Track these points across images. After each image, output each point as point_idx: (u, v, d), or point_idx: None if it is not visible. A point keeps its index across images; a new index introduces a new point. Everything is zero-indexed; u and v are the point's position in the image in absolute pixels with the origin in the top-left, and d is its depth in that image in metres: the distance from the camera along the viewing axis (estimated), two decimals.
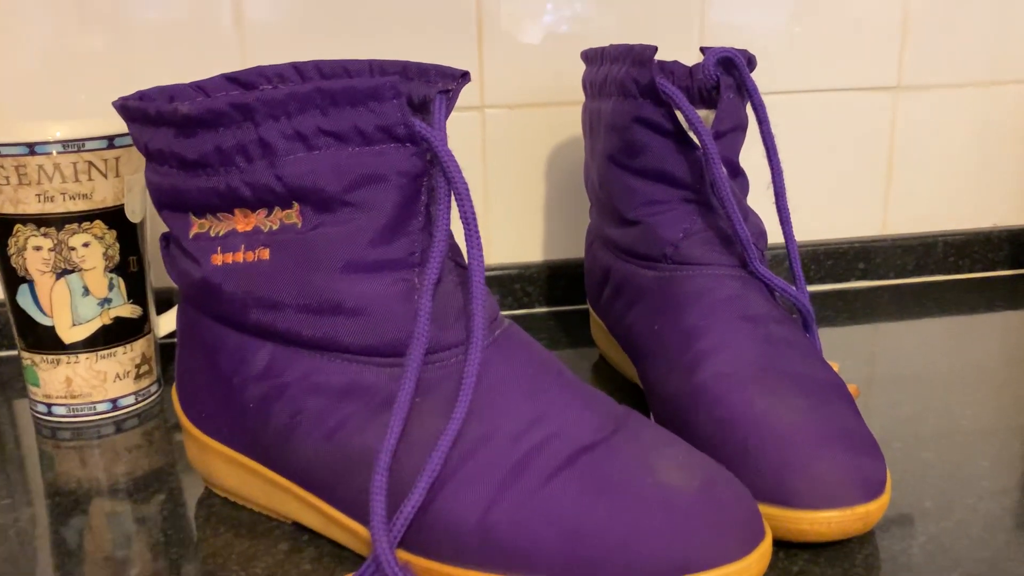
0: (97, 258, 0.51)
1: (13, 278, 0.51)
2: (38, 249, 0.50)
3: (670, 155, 0.49)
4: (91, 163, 0.49)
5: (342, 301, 0.36)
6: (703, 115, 0.50)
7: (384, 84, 0.35)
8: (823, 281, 0.77)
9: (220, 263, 0.38)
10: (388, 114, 0.35)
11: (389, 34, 0.66)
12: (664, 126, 0.48)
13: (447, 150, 0.35)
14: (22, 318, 0.52)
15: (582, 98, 0.70)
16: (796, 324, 0.47)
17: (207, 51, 0.64)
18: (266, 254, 0.37)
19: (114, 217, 0.51)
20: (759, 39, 0.72)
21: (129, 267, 0.53)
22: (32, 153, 0.48)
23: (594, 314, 0.60)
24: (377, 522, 0.33)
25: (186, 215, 0.39)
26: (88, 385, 0.53)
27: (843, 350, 0.62)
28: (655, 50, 0.47)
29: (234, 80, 0.44)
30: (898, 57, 0.74)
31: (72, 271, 0.51)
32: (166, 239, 0.42)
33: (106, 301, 0.52)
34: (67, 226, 0.50)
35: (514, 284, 0.72)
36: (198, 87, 0.43)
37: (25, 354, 0.53)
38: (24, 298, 0.51)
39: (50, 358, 0.52)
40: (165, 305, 0.67)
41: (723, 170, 0.46)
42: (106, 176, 0.50)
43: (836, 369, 0.49)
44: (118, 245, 0.52)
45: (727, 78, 0.48)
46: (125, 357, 0.54)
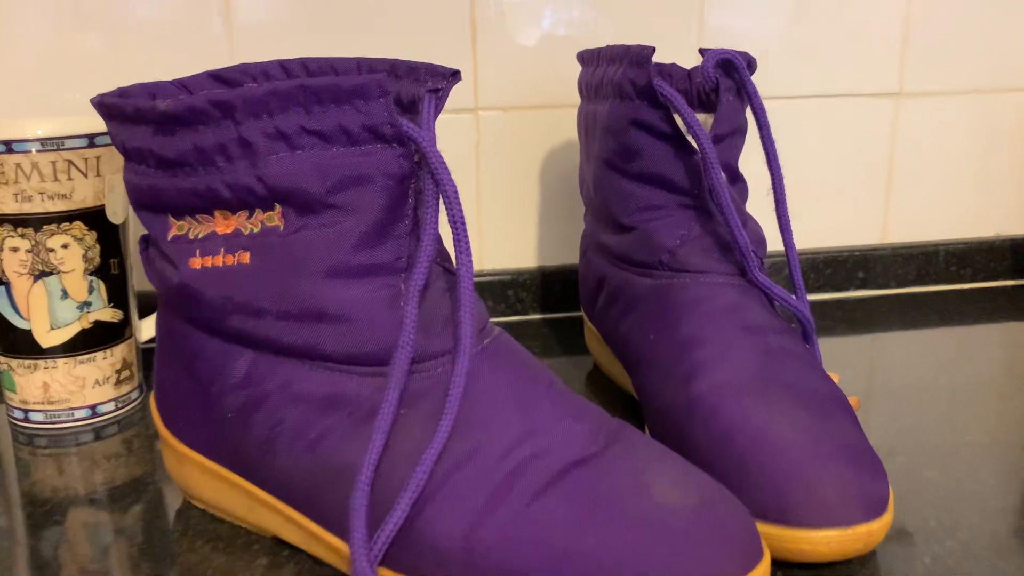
0: (76, 260, 0.50)
1: None
2: (15, 250, 0.49)
3: (667, 159, 0.47)
4: (71, 162, 0.48)
5: (325, 307, 0.35)
6: (701, 119, 0.49)
7: (370, 82, 0.33)
8: (822, 290, 0.76)
9: (199, 266, 0.37)
10: (374, 113, 0.34)
11: (380, 34, 0.65)
12: (661, 129, 0.47)
13: (435, 151, 0.34)
14: None
15: (578, 101, 0.68)
16: (796, 334, 0.46)
17: (200, 50, 0.63)
18: (246, 258, 0.36)
19: (94, 218, 0.50)
20: (758, 43, 0.71)
21: (110, 270, 0.51)
22: (9, 151, 0.47)
23: (588, 322, 0.58)
24: (357, 540, 0.32)
25: (164, 216, 0.38)
26: (66, 391, 0.51)
27: (842, 361, 0.61)
28: (653, 51, 0.46)
29: (218, 78, 0.43)
30: (899, 63, 0.73)
31: (50, 273, 0.49)
32: (145, 241, 0.41)
33: (85, 304, 0.51)
34: (45, 227, 0.48)
35: (507, 290, 0.71)
36: (181, 85, 0.42)
37: (1, 358, 0.51)
38: (0, 300, 0.50)
39: (27, 362, 0.51)
40: (148, 309, 0.66)
41: (722, 175, 0.44)
42: (86, 176, 0.49)
43: (836, 381, 0.48)
44: (99, 247, 0.50)
45: (727, 80, 0.47)
46: (105, 362, 0.52)
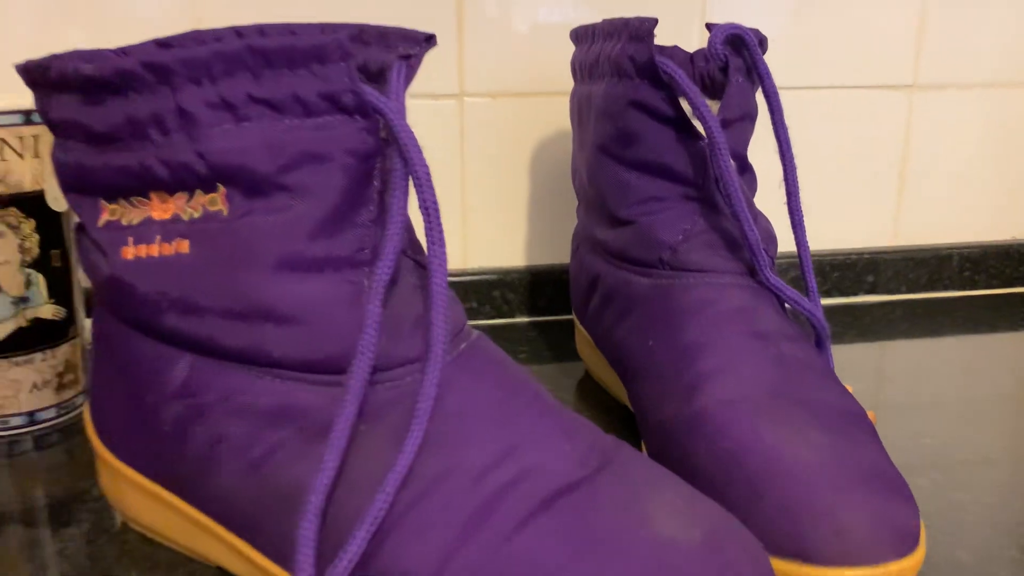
0: (11, 251, 0.45)
1: None
2: None
3: (670, 145, 0.43)
4: (4, 140, 0.43)
5: (274, 305, 0.30)
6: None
7: (329, 43, 0.29)
8: (829, 295, 0.73)
9: (132, 257, 0.32)
10: (334, 79, 0.29)
11: (361, 13, 0.61)
12: (663, 111, 0.42)
13: (405, 125, 0.29)
14: None
15: (571, 86, 0.64)
16: (810, 342, 0.41)
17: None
18: (185, 247, 0.31)
19: (32, 204, 0.45)
20: (763, 30, 0.67)
21: (51, 262, 0.46)
22: None
23: (580, 326, 0.54)
24: None
25: (95, 199, 0.33)
26: (0, 396, 0.46)
27: (850, 370, 0.58)
28: (655, 23, 0.41)
29: (166, 45, 0.38)
30: (914, 53, 0.70)
31: None
32: (80, 228, 0.36)
33: (22, 300, 0.46)
34: None
35: (493, 291, 0.67)
36: (122, 52, 0.37)
37: None
38: None
39: None
40: None
41: (731, 163, 0.40)
42: (22, 156, 0.44)
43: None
44: (37, 236, 0.45)
45: (736, 59, 0.42)
46: (45, 364, 0.47)
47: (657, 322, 0.42)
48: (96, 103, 0.31)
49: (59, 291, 0.47)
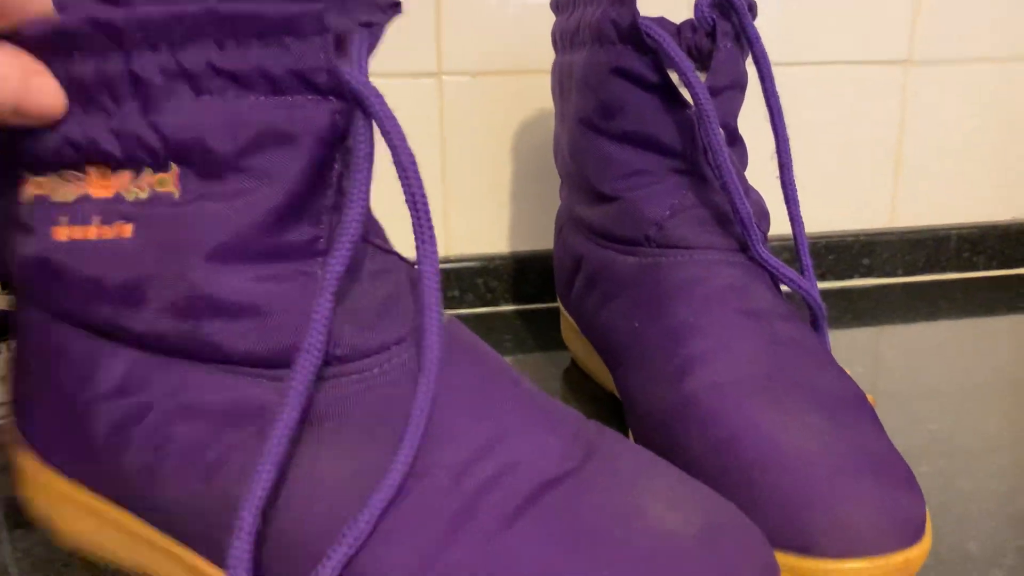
0: None
1: None
2: None
3: (655, 115, 0.40)
4: None
5: (225, 297, 0.28)
6: None
7: (304, 14, 0.26)
8: (824, 278, 0.71)
9: (65, 238, 0.29)
10: (308, 55, 0.27)
11: None
12: (648, 78, 0.40)
13: (388, 110, 0.27)
14: None
15: None
16: (805, 322, 0.39)
17: None
18: (128, 231, 0.28)
19: None
20: None
21: None
22: None
23: (565, 311, 0.51)
24: None
25: (18, 171, 0.30)
26: None
27: (847, 356, 0.56)
28: None
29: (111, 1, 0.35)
30: (909, 27, 0.68)
31: None
32: None
33: None
34: None
35: (476, 279, 0.65)
36: (59, 6, 0.34)
37: None
38: None
39: None
40: None
41: (720, 133, 0.37)
42: None
43: None
44: None
45: (724, 23, 0.40)
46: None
47: (643, 303, 0.39)
48: None
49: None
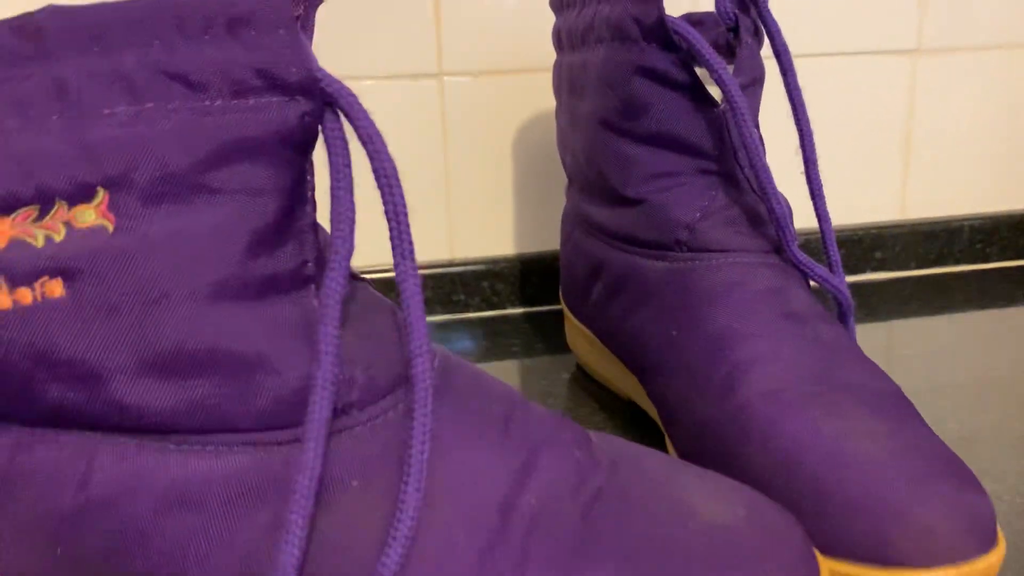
0: None
1: None
2: None
3: (683, 114, 0.39)
4: None
5: (215, 346, 0.24)
6: None
7: (267, 3, 0.23)
8: None
9: None
10: (273, 50, 0.23)
11: None
12: (675, 77, 0.38)
13: (362, 109, 0.24)
14: None
15: None
16: (836, 321, 0.38)
17: None
18: (58, 288, 0.23)
19: None
20: None
21: None
22: None
23: (571, 316, 0.50)
24: None
25: None
26: None
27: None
28: None
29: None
30: (918, 15, 0.67)
31: None
32: None
33: None
34: None
35: (481, 282, 0.64)
36: None
37: None
38: None
39: None
40: None
41: (755, 132, 0.36)
42: None
43: None
44: None
45: (744, 18, 0.39)
46: None
47: (680, 310, 0.38)
48: None
49: None
